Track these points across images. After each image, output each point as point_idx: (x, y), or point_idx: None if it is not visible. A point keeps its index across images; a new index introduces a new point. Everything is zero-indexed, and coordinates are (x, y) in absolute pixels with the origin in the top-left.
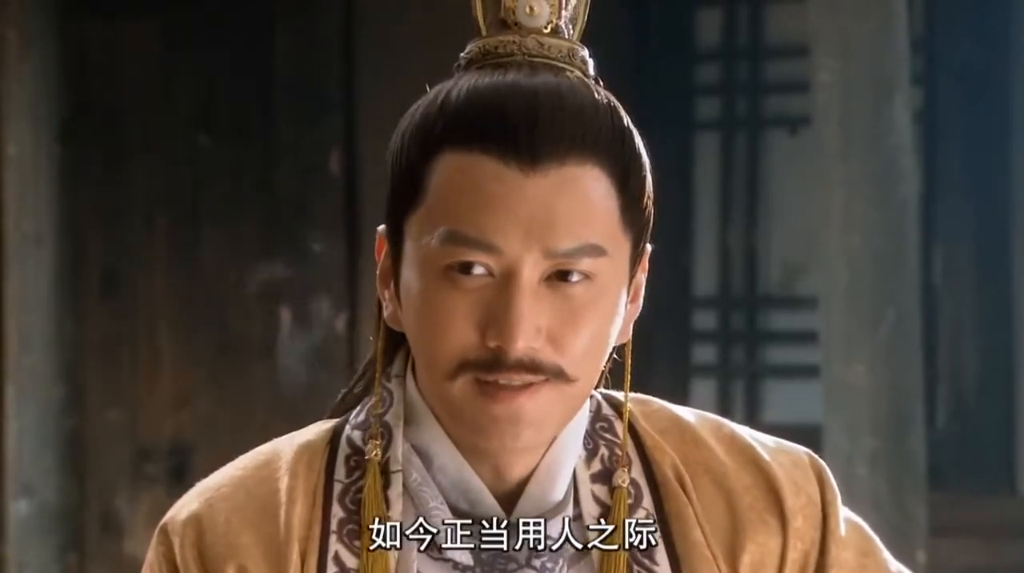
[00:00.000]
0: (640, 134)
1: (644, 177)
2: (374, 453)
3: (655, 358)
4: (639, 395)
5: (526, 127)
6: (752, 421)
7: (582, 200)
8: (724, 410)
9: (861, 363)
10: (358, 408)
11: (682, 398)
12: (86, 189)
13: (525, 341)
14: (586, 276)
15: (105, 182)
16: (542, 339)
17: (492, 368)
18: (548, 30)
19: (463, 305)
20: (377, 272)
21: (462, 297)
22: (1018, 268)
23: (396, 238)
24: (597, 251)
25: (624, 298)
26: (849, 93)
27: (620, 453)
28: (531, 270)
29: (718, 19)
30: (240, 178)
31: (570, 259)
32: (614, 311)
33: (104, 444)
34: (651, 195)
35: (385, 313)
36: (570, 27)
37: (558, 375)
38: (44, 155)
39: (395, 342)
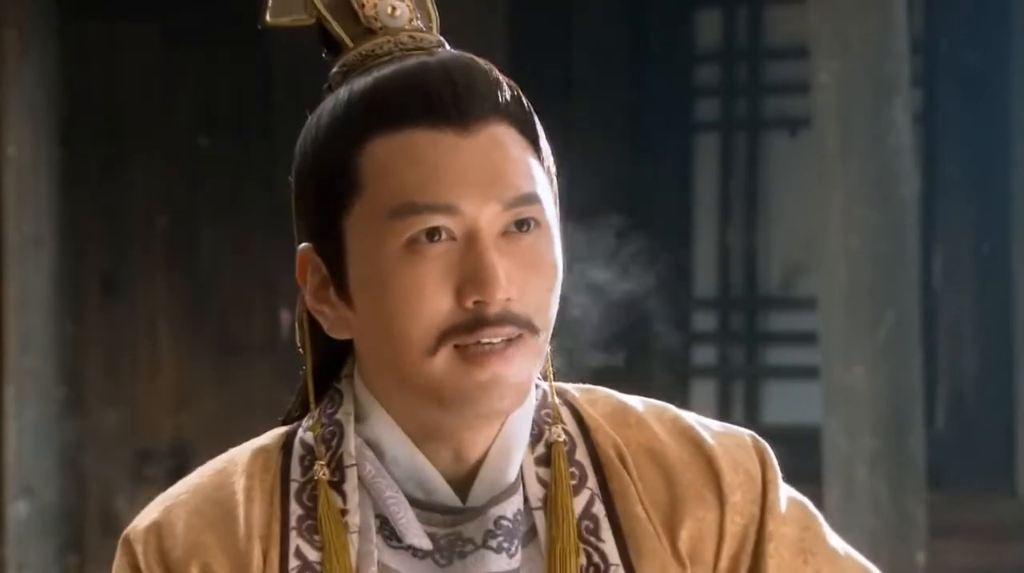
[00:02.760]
0: (640, 135)
1: (545, 143)
2: (321, 473)
3: (655, 359)
4: (587, 386)
5: (449, 92)
6: (751, 422)
7: (512, 155)
8: (724, 411)
9: (861, 364)
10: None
11: (682, 399)
12: (86, 190)
13: (503, 291)
14: (536, 225)
15: (105, 182)
16: (513, 290)
17: (474, 328)
18: (412, 26)
19: (431, 274)
20: (305, 292)
21: (429, 266)
22: (1018, 268)
23: (334, 244)
24: (538, 199)
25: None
26: (849, 94)
27: (553, 415)
28: (490, 224)
29: (718, 20)
30: (240, 178)
31: (522, 208)
32: (558, 261)
33: (104, 445)
34: (553, 166)
35: (326, 326)
36: (426, 23)
37: (528, 326)
38: (44, 156)
39: (332, 355)
